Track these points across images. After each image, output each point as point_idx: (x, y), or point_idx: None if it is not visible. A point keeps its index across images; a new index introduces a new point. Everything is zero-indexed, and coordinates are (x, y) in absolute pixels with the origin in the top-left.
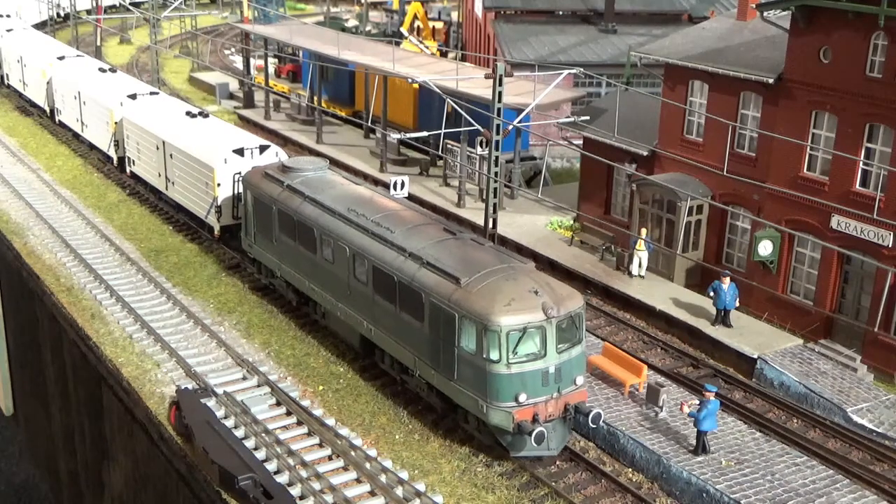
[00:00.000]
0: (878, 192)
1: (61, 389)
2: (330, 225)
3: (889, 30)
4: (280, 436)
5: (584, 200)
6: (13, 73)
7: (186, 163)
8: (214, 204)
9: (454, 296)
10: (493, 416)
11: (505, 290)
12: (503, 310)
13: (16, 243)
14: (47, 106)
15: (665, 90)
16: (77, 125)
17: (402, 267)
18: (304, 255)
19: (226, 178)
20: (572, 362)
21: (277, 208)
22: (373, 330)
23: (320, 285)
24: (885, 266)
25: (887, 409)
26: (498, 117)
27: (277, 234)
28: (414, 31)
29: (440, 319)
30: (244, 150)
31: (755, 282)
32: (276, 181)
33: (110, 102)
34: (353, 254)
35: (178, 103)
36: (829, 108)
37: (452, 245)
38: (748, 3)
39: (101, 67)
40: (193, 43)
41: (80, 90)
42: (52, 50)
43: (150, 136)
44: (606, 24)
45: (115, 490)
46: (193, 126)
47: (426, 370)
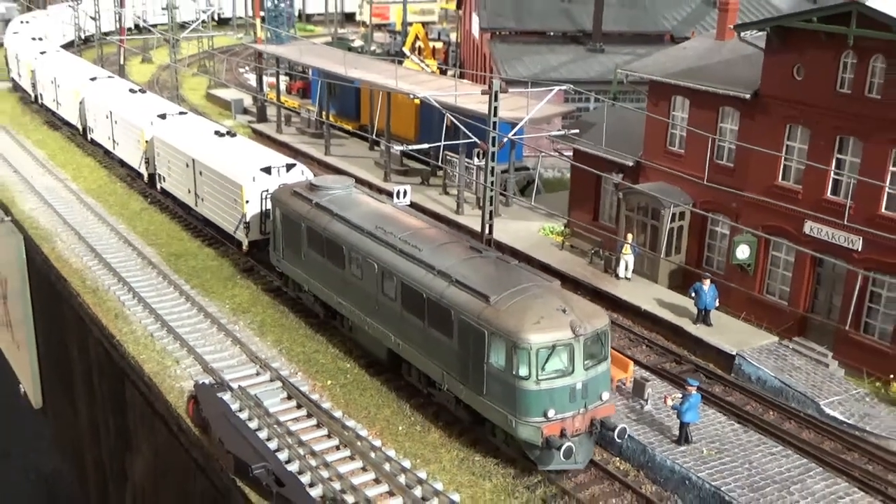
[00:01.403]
0: (847, 199)
1: (87, 385)
2: (358, 242)
3: (858, 49)
4: (291, 427)
5: (574, 208)
6: (47, 93)
7: (216, 180)
8: (243, 220)
9: (484, 313)
10: (522, 430)
11: (534, 308)
12: (533, 328)
13: (45, 248)
14: (80, 125)
15: (649, 105)
16: (109, 143)
17: (430, 284)
18: (333, 270)
19: (254, 195)
20: (598, 378)
21: (306, 225)
22: (400, 344)
23: (348, 300)
24: (855, 269)
25: (857, 402)
26: (494, 130)
27: (306, 250)
28: (415, 50)
29: (469, 336)
30: (271, 168)
31: (734, 283)
32: (304, 199)
33: (141, 122)
34: (381, 270)
35: (207, 123)
36: (802, 122)
37: (479, 263)
38: (726, 24)
39: (131, 88)
40: (210, 62)
41: (111, 110)
42: (84, 71)
43: (181, 154)
44: (594, 44)
45: (137, 479)
46: (222, 145)
47: (454, 385)
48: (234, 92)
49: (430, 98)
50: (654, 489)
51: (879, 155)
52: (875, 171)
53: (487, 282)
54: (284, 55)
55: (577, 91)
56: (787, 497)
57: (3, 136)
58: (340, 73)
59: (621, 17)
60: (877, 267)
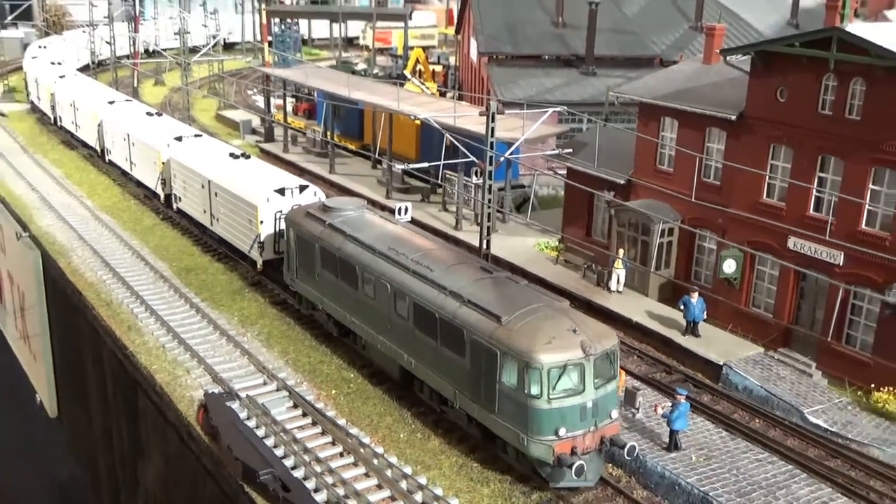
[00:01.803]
0: (829, 216)
1: (101, 394)
2: (371, 263)
3: (838, 72)
4: (297, 435)
5: (567, 224)
6: (66, 115)
7: (231, 201)
8: (257, 240)
9: (496, 333)
10: (534, 448)
11: (545, 328)
12: (544, 348)
13: (61, 262)
14: (98, 146)
15: (639, 126)
16: (126, 164)
17: (443, 304)
18: (346, 290)
19: (268, 215)
20: (608, 397)
21: (320, 246)
22: (413, 362)
23: (361, 319)
24: (837, 282)
25: (840, 410)
26: (491, 150)
27: (320, 270)
28: (416, 73)
29: (482, 355)
30: (285, 189)
31: (721, 296)
32: (318, 220)
33: (158, 144)
34: (394, 290)
35: (221, 145)
36: (785, 142)
37: (490, 284)
38: (713, 48)
39: (148, 111)
40: (220, 84)
41: (129, 132)
42: (102, 95)
43: (196, 175)
44: (587, 68)
45: (148, 485)
46: (237, 167)
47: (466, 403)
48: (243, 113)
49: (431, 119)
50: (645, 494)
51: (859, 173)
52: (855, 188)
53: (499, 302)
54: (291, 78)
55: (570, 112)
56: (773, 502)
57: (22, 155)
58: (344, 95)
59: (613, 41)
60: (857, 281)
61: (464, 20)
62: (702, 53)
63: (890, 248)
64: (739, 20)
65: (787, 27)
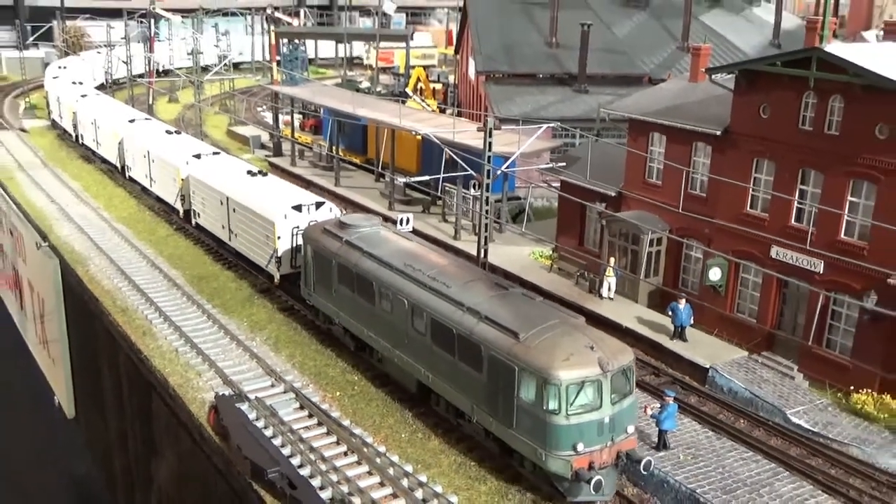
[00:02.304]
0: (810, 226)
1: (116, 396)
2: (388, 279)
3: (818, 90)
4: (303, 435)
5: (561, 234)
6: (87, 133)
7: (249, 217)
8: (275, 255)
9: (514, 350)
10: (552, 463)
11: (563, 345)
12: (563, 364)
13: (79, 271)
14: (119, 163)
15: (629, 141)
16: (146, 181)
17: (460, 320)
18: (363, 305)
19: (285, 231)
20: (624, 412)
21: (337, 262)
22: (430, 377)
23: (378, 333)
24: (817, 289)
25: (821, 411)
26: (488, 164)
27: (337, 286)
28: (417, 91)
29: (499, 371)
30: (302, 206)
31: (707, 303)
32: (335, 237)
33: (177, 161)
34: (411, 306)
35: (239, 162)
36: (768, 156)
37: (506, 300)
38: (699, 67)
39: (167, 130)
40: (231, 101)
41: (149, 150)
42: (122, 113)
43: (215, 192)
44: (579, 86)
45: (162, 482)
46: (254, 184)
47: (484, 417)
48: (253, 129)
49: (431, 134)
50: (635, 491)
51: (838, 186)
52: (834, 200)
53: (516, 318)
54: (298, 95)
55: (563, 128)
56: (757, 499)
57: (42, 168)
58: (349, 111)
59: (604, 61)
60: (837, 288)
61: (463, 41)
62: (688, 72)
63: (867, 256)
64: (724, 41)
65: (770, 47)
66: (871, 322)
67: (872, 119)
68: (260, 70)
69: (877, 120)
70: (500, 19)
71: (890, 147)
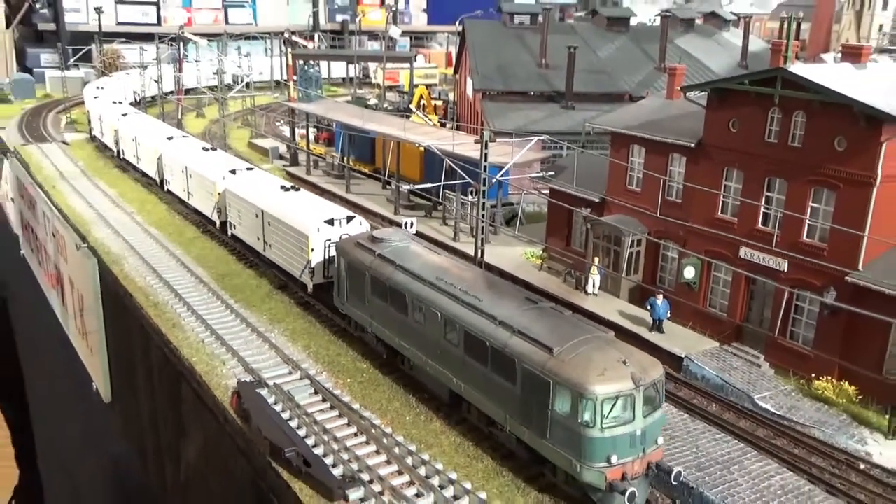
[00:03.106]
0: (775, 229)
1: (148, 383)
2: (421, 291)
3: (782, 106)
4: (317, 417)
5: (550, 236)
6: (128, 149)
7: (283, 230)
8: (308, 266)
9: (548, 364)
10: (587, 474)
11: (596, 360)
12: (597, 379)
13: (115, 270)
14: (158, 177)
15: (612, 152)
16: (184, 194)
17: (493, 334)
18: (395, 315)
19: (318, 244)
20: (655, 424)
21: (370, 274)
22: (462, 386)
23: (410, 343)
24: (782, 286)
25: (785, 396)
26: (484, 173)
27: (370, 297)
28: (420, 107)
29: (534, 384)
30: (334, 220)
31: (682, 298)
32: (367, 250)
33: (214, 176)
34: (444, 319)
35: (272, 177)
36: (737, 166)
37: (537, 314)
38: (675, 86)
39: (203, 146)
40: (252, 116)
41: (187, 165)
42: (160, 131)
43: (250, 205)
44: (567, 102)
45: (189, 460)
46: (287, 198)
47: (517, 427)
48: (272, 141)
49: (433, 146)
50: None
51: (801, 193)
52: (797, 206)
53: (549, 333)
54: (313, 111)
55: (552, 140)
56: (728, 475)
57: (82, 177)
58: (359, 125)
59: (589, 80)
60: (799, 285)
61: (461, 62)
62: (665, 90)
63: (827, 256)
64: (697, 62)
65: (738, 68)
66: (831, 316)
67: (832, 133)
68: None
69: (835, 133)
70: (495, 43)
71: (847, 158)
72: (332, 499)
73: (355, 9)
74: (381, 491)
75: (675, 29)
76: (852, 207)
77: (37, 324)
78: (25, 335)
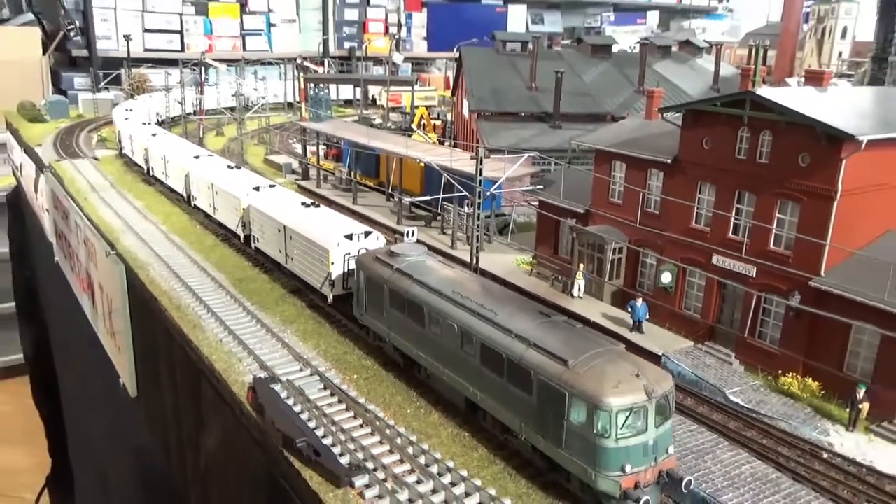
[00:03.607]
0: (745, 238)
1: (171, 379)
2: (438, 305)
3: (751, 126)
4: (326, 410)
5: (539, 244)
6: (157, 167)
7: (304, 244)
8: (329, 278)
9: (564, 376)
10: (602, 483)
11: (611, 372)
12: (612, 392)
13: (141, 275)
14: (185, 193)
15: (595, 167)
16: (210, 209)
17: (510, 346)
18: (413, 327)
19: (338, 257)
20: (666, 434)
21: (389, 287)
22: (478, 395)
23: (428, 353)
24: (751, 290)
25: (754, 391)
26: (479, 186)
27: (388, 308)
28: (420, 126)
29: (549, 395)
30: (352, 235)
31: (659, 301)
32: (385, 264)
33: (238, 193)
34: (461, 331)
35: (293, 194)
36: (710, 180)
37: (550, 327)
38: (653, 107)
39: (228, 165)
40: (267, 135)
41: (212, 182)
42: (188, 150)
43: (273, 221)
44: (554, 122)
45: (209, 450)
46: (308, 214)
47: (533, 436)
48: (285, 157)
49: (432, 162)
50: None
51: (768, 205)
52: (765, 217)
53: (563, 346)
54: (323, 130)
55: (541, 157)
56: (702, 464)
57: (111, 190)
58: (364, 143)
59: (574, 102)
60: (767, 289)
61: (458, 85)
62: (644, 111)
63: (792, 263)
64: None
65: (710, 91)
66: (795, 318)
67: (796, 150)
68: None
69: (800, 151)
70: (489, 68)
71: (811, 173)
72: (340, 485)
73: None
74: (385, 478)
75: (653, 55)
76: (815, 218)
77: (69, 325)
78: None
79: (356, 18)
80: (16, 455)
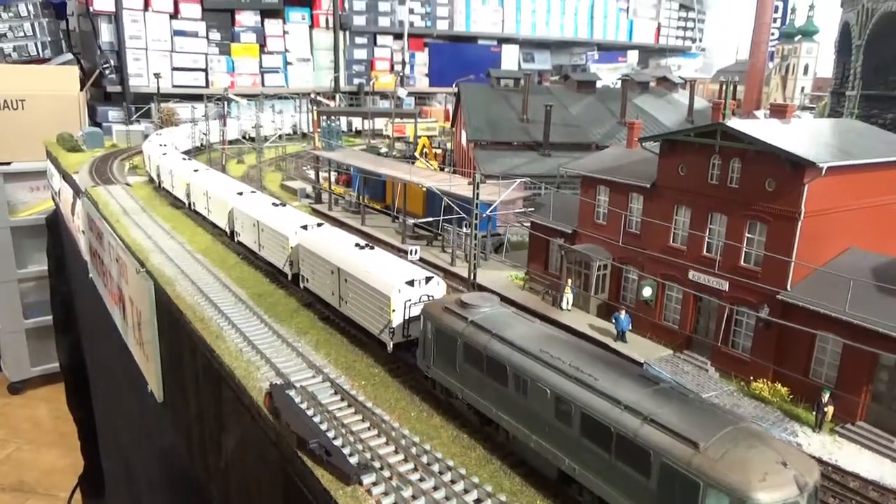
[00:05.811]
0: (718, 256)
1: (195, 385)
2: (524, 364)
3: (722, 154)
4: (336, 414)
5: (531, 261)
6: (199, 202)
7: (362, 289)
8: (389, 326)
9: (695, 461)
10: None
11: (753, 460)
12: (760, 485)
13: (168, 290)
14: (228, 229)
15: (581, 192)
16: (255, 246)
17: (619, 419)
18: (493, 386)
19: (399, 304)
20: None
21: (463, 341)
22: (577, 469)
23: (511, 416)
24: (724, 303)
25: (729, 396)
26: (476, 209)
27: (462, 364)
28: (423, 155)
29: (676, 482)
30: (414, 281)
31: (641, 313)
32: (459, 316)
33: (287, 231)
34: (555, 396)
35: (342, 233)
36: (685, 203)
37: (664, 397)
38: (633, 137)
39: (273, 202)
40: (283, 162)
41: (258, 220)
42: (230, 186)
43: (326, 262)
44: (544, 150)
45: (228, 450)
46: (364, 257)
47: None
48: (300, 183)
49: (433, 187)
50: None
51: (738, 226)
52: (735, 236)
53: (687, 423)
54: (334, 158)
55: (532, 182)
56: None
57: (141, 213)
58: (372, 169)
59: (562, 132)
60: (738, 302)
61: (457, 117)
62: (625, 141)
63: (761, 278)
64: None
65: (685, 123)
66: (765, 328)
67: (763, 176)
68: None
69: (766, 177)
70: (484, 102)
71: (776, 197)
72: (349, 483)
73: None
74: (390, 476)
75: (633, 90)
76: (781, 238)
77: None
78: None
79: (364, 57)
80: (51, 456)
